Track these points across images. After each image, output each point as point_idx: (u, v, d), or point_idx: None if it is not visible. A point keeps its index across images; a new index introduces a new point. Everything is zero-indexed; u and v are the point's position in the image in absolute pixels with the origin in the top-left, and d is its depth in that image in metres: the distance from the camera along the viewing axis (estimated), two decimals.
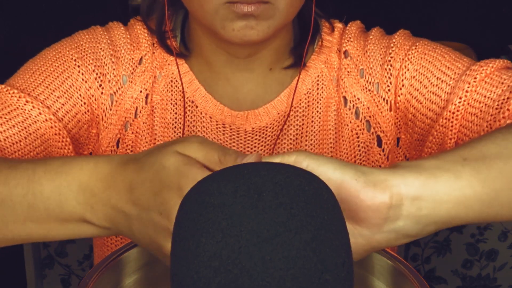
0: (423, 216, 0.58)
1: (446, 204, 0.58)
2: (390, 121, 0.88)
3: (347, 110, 0.89)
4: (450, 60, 0.83)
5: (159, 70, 0.89)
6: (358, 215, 0.57)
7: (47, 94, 0.82)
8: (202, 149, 0.58)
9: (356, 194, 0.56)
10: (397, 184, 0.57)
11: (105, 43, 0.88)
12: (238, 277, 0.45)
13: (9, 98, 0.80)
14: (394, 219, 0.57)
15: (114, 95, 0.87)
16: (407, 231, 0.58)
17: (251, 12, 0.75)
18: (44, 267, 1.53)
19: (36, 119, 0.80)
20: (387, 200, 0.56)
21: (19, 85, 0.82)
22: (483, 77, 0.78)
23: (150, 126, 0.89)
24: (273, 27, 0.78)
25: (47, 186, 0.63)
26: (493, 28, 1.91)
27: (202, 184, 0.51)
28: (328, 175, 0.56)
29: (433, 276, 1.61)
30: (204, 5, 0.77)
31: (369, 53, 0.88)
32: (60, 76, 0.84)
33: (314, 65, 0.90)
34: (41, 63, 0.85)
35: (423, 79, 0.84)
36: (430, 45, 0.86)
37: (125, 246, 0.66)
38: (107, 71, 0.87)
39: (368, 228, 0.58)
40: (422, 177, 0.58)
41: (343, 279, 0.48)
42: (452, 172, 0.59)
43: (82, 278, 0.60)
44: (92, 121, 0.87)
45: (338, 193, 0.56)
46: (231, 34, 0.78)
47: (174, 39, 0.90)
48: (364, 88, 0.88)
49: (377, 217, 0.57)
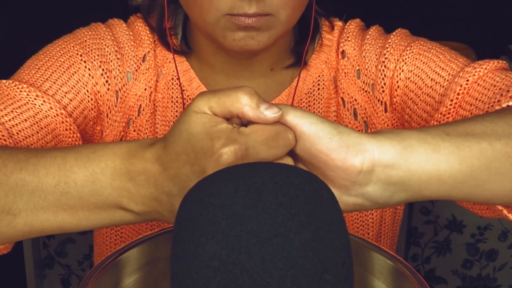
0: (393, 184, 0.58)
1: (418, 176, 0.58)
2: (386, 122, 0.88)
3: (346, 111, 0.89)
4: (445, 60, 0.83)
5: (161, 68, 0.89)
6: (327, 173, 0.58)
7: (55, 89, 0.81)
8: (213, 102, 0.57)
9: (327, 152, 0.57)
10: (371, 149, 0.57)
11: (109, 40, 0.87)
12: (238, 277, 0.45)
13: (18, 93, 0.79)
14: (363, 184, 0.58)
15: (119, 91, 0.87)
16: (375, 197, 0.58)
17: (251, 24, 0.75)
18: (44, 267, 1.53)
19: (47, 113, 0.79)
20: (357, 164, 0.57)
21: (26, 80, 0.81)
22: (475, 79, 0.77)
23: (152, 124, 0.89)
24: (274, 37, 0.78)
25: (80, 173, 0.61)
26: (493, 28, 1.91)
27: (202, 184, 0.51)
28: (304, 128, 0.57)
29: (433, 276, 1.61)
30: (205, 15, 0.77)
31: (364, 54, 0.88)
32: (66, 72, 0.83)
33: (315, 65, 0.89)
34: (46, 59, 0.84)
35: (418, 80, 0.83)
36: (425, 45, 0.85)
37: (125, 246, 0.66)
38: (113, 67, 0.86)
39: (336, 188, 0.58)
40: (399, 146, 0.58)
41: (343, 279, 0.48)
42: (432, 145, 0.59)
43: (82, 278, 0.60)
44: (98, 117, 0.86)
45: (310, 148, 0.56)
46: (232, 43, 0.78)
47: (175, 36, 0.90)
48: (360, 89, 0.88)
49: (345, 179, 0.57)
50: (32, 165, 0.63)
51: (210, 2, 0.75)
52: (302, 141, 0.57)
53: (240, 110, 0.57)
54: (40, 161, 0.63)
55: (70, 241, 1.53)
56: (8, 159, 0.63)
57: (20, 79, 0.81)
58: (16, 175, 0.62)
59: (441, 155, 0.59)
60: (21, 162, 0.63)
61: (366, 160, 0.57)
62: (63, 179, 0.61)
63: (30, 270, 1.49)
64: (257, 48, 0.78)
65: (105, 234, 0.95)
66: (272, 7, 0.75)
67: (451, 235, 1.57)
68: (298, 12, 0.80)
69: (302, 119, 0.57)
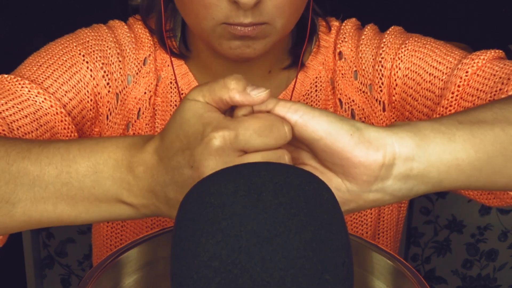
0: (413, 177, 0.58)
1: (437, 166, 0.58)
2: (384, 121, 0.88)
3: (343, 112, 0.89)
4: (441, 54, 0.83)
5: (160, 72, 0.89)
6: (349, 170, 0.58)
7: (56, 87, 0.81)
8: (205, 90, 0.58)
9: (349, 149, 0.57)
10: (391, 143, 0.57)
11: (111, 41, 0.87)
12: (238, 277, 0.45)
13: (19, 89, 0.78)
14: (384, 178, 0.58)
15: (120, 94, 0.87)
16: (395, 190, 0.59)
17: (247, 33, 0.75)
18: (44, 267, 1.53)
19: (47, 111, 0.79)
20: (380, 159, 0.57)
21: (28, 77, 0.81)
22: (475, 70, 0.78)
23: (151, 127, 0.89)
24: (270, 44, 0.78)
25: (82, 164, 0.61)
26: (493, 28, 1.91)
27: (202, 184, 0.51)
28: (323, 127, 0.57)
29: (433, 276, 1.61)
30: (201, 23, 0.77)
31: (361, 54, 0.88)
32: (68, 71, 0.83)
33: (312, 66, 0.89)
34: (48, 57, 0.84)
35: (416, 77, 0.83)
36: (420, 41, 0.86)
37: (125, 246, 0.66)
38: (114, 69, 0.86)
39: (358, 185, 0.58)
40: (416, 137, 0.58)
41: (343, 279, 0.48)
42: (447, 134, 0.59)
43: (82, 278, 0.60)
44: (96, 119, 0.86)
45: (331, 147, 0.56)
46: (228, 51, 0.78)
47: (174, 39, 0.90)
48: (358, 90, 0.88)
49: (368, 174, 0.57)
50: (35, 154, 0.63)
51: (206, 11, 0.75)
52: (322, 140, 0.57)
53: (228, 94, 0.57)
54: (43, 151, 0.63)
55: (70, 241, 1.53)
56: (11, 147, 0.63)
57: (21, 75, 0.81)
58: (19, 163, 0.62)
59: (457, 143, 0.59)
60: (24, 151, 0.63)
61: (388, 154, 0.57)
62: (65, 169, 0.62)
63: (30, 270, 1.49)
64: (253, 56, 0.78)
65: (104, 236, 0.95)
66: (268, 16, 0.75)
67: (451, 235, 1.57)
68: (294, 19, 0.80)
69: (320, 118, 0.57)
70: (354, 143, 0.56)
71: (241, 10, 0.73)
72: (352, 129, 0.57)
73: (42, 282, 1.55)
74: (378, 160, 0.57)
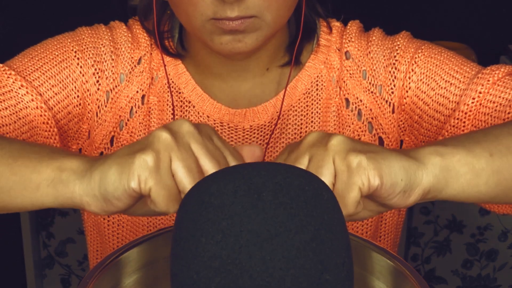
0: (427, 198, 0.63)
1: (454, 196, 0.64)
2: (393, 123, 0.88)
3: (349, 112, 0.89)
4: (458, 64, 0.85)
5: (156, 72, 0.89)
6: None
7: (42, 81, 0.83)
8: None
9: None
10: (423, 183, 0.61)
11: (107, 40, 0.88)
12: (238, 277, 0.45)
13: (4, 79, 0.81)
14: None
15: (111, 92, 0.88)
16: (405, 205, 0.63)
17: (236, 27, 0.76)
18: (44, 267, 1.53)
19: (28, 105, 0.81)
20: (411, 202, 0.61)
21: (16, 67, 0.83)
22: (495, 80, 0.81)
23: (146, 126, 0.89)
24: (261, 38, 0.79)
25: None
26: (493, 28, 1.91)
27: (202, 184, 0.51)
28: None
29: (433, 276, 1.61)
30: (191, 21, 0.78)
31: (372, 55, 0.88)
32: (58, 65, 0.85)
33: (313, 65, 0.89)
34: (41, 50, 0.86)
35: (431, 82, 0.85)
36: (435, 49, 0.87)
37: (125, 246, 0.66)
38: (106, 67, 0.87)
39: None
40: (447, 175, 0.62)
41: (343, 279, 0.48)
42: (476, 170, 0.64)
43: (82, 278, 0.60)
44: (83, 115, 0.87)
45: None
46: (220, 47, 0.78)
47: (171, 39, 0.90)
48: (366, 90, 0.88)
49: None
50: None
51: (194, 8, 0.76)
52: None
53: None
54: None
55: (70, 241, 1.53)
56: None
57: (11, 65, 0.83)
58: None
59: (481, 178, 0.64)
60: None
61: (418, 195, 0.61)
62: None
63: (30, 270, 1.49)
64: (245, 50, 0.79)
65: (102, 240, 0.95)
66: (255, 9, 0.76)
67: (451, 235, 1.57)
68: (285, 13, 0.80)
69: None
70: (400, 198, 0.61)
71: (227, 4, 0.74)
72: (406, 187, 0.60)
73: (42, 282, 1.55)
74: (410, 203, 0.62)
